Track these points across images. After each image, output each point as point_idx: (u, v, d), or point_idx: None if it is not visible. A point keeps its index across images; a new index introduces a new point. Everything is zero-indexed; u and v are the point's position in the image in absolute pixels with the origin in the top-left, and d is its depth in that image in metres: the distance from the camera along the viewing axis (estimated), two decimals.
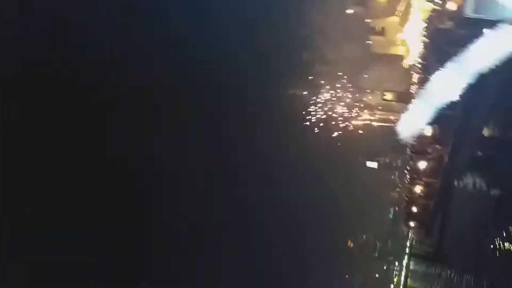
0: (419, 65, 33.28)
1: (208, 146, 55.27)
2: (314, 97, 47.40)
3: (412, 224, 36.33)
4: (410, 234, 42.07)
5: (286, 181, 54.30)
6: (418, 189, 32.43)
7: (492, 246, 32.94)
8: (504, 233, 32.90)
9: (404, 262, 46.37)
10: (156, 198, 56.09)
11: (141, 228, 54.79)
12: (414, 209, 34.27)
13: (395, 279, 52.01)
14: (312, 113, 47.82)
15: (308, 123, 47.74)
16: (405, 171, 35.18)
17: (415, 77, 36.39)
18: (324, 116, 47.13)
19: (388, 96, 40.67)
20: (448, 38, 27.20)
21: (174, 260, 56.72)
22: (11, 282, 47.93)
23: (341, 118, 46.57)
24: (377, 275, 59.95)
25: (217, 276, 56.14)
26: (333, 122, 46.91)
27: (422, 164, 30.50)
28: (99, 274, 52.05)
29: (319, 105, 47.30)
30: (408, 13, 37.33)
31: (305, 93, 48.36)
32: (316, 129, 47.66)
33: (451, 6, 27.47)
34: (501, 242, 33.49)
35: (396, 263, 49.77)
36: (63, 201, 51.12)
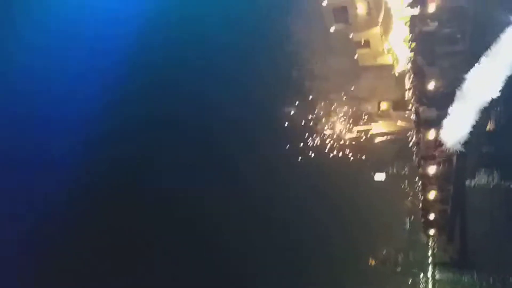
0: (410, 71, 33.03)
1: (207, 170, 54.76)
2: (311, 113, 47.05)
3: (431, 232, 35.13)
4: (430, 243, 40.79)
5: (293, 205, 53.15)
6: (432, 195, 31.44)
7: None
8: None
9: (429, 273, 44.77)
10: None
11: None
12: (431, 216, 33.17)
13: None
14: (311, 129, 47.30)
15: (308, 140, 47.17)
16: (416, 178, 34.31)
17: (408, 84, 36.20)
18: (324, 132, 46.66)
19: (384, 105, 40.40)
20: (434, 38, 27.18)
21: None
22: None
23: (341, 132, 46.09)
24: None
25: None
26: (334, 137, 46.42)
27: (431, 169, 29.64)
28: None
29: (317, 120, 46.92)
30: (390, 22, 37.57)
31: (301, 109, 48.01)
32: (316, 145, 47.02)
33: (431, 8, 27.55)
34: None
35: (422, 275, 48.01)
36: None
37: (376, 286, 52.79)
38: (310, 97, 46.83)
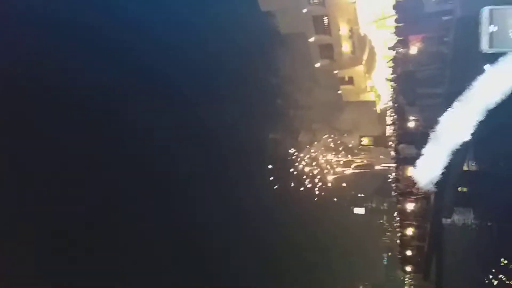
0: (391, 109, 33.93)
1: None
2: (294, 141, 47.48)
3: (408, 268, 35.13)
4: (407, 280, 40.89)
5: (269, 234, 52.56)
6: (409, 231, 31.65)
7: (490, 281, 32.26)
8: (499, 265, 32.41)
9: None
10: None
11: None
12: (408, 252, 33.27)
13: None
14: (293, 157, 47.56)
15: (290, 168, 47.32)
16: (394, 214, 34.64)
17: (389, 121, 37.12)
18: (305, 160, 46.94)
19: (365, 141, 41.05)
20: (414, 79, 28.11)
21: None
22: None
23: (322, 162, 46.46)
24: None
25: None
26: (315, 167, 46.71)
27: (409, 206, 29.99)
28: None
29: (300, 149, 47.31)
30: (373, 61, 38.84)
31: (284, 137, 48.42)
32: (297, 174, 47.14)
33: (413, 50, 28.62)
34: (498, 275, 32.89)
35: None
36: None
37: None
38: (294, 125, 47.52)
